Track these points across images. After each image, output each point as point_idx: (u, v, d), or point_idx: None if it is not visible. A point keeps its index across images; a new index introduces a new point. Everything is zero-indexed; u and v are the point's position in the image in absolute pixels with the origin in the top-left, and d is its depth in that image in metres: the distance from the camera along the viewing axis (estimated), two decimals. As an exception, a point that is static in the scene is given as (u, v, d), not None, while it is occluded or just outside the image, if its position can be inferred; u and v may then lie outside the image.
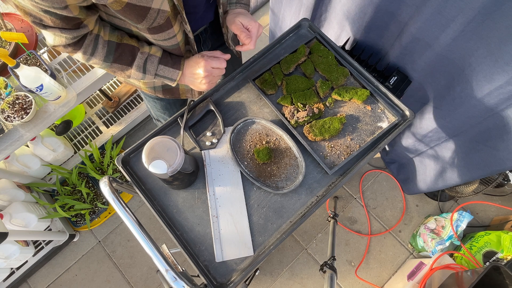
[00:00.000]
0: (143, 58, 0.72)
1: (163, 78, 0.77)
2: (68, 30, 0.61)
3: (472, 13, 0.80)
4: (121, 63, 0.72)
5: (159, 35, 0.68)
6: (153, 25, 0.64)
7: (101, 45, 0.68)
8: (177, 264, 0.72)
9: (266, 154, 0.85)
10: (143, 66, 0.73)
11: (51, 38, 0.63)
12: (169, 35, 0.70)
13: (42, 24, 0.59)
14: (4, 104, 1.12)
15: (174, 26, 0.68)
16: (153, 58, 0.73)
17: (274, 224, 0.82)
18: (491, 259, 1.37)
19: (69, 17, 0.58)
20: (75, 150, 1.75)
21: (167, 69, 0.75)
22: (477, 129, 1.05)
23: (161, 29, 0.67)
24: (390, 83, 1.11)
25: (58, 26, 0.59)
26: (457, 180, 1.26)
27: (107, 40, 0.69)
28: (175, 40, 0.72)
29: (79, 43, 0.66)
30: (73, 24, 0.61)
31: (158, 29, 0.66)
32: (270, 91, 0.93)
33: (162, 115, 1.18)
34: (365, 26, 1.13)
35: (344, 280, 1.61)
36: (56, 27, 0.60)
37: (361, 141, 0.89)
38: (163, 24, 0.65)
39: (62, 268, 1.66)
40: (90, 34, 0.66)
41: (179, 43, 0.75)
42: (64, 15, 0.57)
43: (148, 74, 0.75)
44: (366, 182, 1.79)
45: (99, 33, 0.67)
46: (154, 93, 0.97)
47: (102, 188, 0.73)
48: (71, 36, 0.62)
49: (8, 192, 1.44)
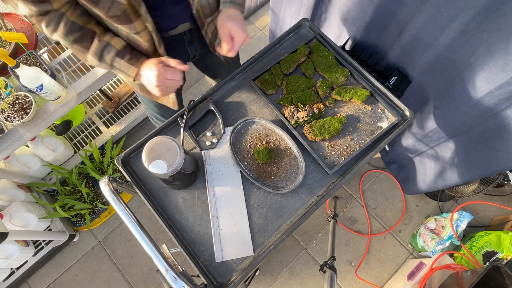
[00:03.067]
0: (100, 45, 0.73)
1: (119, 71, 0.77)
2: (32, 3, 0.64)
3: (472, 13, 0.80)
4: (81, 45, 0.73)
5: (122, 26, 0.69)
6: (110, 14, 0.66)
7: (63, 23, 0.69)
8: (177, 264, 0.72)
9: (266, 154, 0.85)
10: (100, 53, 0.73)
11: (20, 7, 0.67)
12: (131, 30, 0.70)
13: None
14: (4, 104, 1.12)
15: (135, 22, 0.69)
16: (111, 48, 0.73)
17: (274, 224, 0.82)
18: (491, 259, 1.37)
19: None
20: (75, 150, 1.75)
21: (123, 63, 0.75)
22: (477, 129, 1.05)
23: (120, 20, 0.68)
24: (390, 83, 1.11)
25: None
26: (457, 180, 1.26)
27: (72, 20, 0.70)
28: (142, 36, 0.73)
29: (42, 15, 0.68)
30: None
31: (117, 19, 0.67)
32: (270, 91, 0.93)
33: (154, 113, 1.17)
34: (365, 26, 1.13)
35: (344, 280, 1.61)
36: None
37: (361, 141, 0.89)
38: (121, 16, 0.66)
39: (62, 268, 1.66)
40: (55, 11, 0.68)
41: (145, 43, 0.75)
42: None
43: (103, 63, 0.75)
44: (366, 182, 1.79)
45: (66, 13, 0.69)
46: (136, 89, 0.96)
47: (102, 188, 0.73)
48: (35, 9, 0.66)
49: (8, 192, 1.44)
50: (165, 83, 0.74)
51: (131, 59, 0.75)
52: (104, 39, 0.73)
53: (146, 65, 0.75)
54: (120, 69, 0.76)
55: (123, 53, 0.75)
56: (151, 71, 0.73)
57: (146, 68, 0.75)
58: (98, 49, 0.73)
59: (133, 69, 0.75)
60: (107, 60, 0.74)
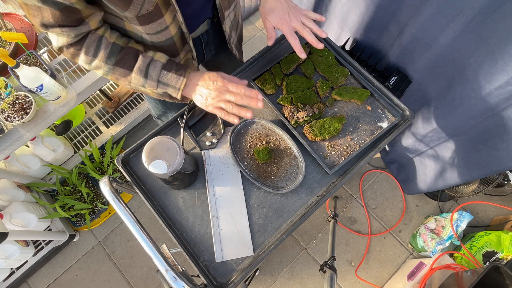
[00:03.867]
0: (145, 61, 0.68)
1: (166, 86, 0.71)
2: (68, 27, 0.60)
3: (472, 13, 0.80)
4: (123, 66, 0.68)
5: (150, 26, 0.65)
6: (142, 13, 0.61)
7: (104, 45, 0.66)
8: (177, 264, 0.72)
9: (266, 154, 0.85)
10: (145, 70, 0.68)
11: (55, 38, 0.63)
12: (161, 26, 0.66)
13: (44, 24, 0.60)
14: (4, 104, 1.12)
15: (165, 15, 0.65)
16: (156, 63, 0.68)
17: (274, 224, 0.82)
18: (491, 259, 1.37)
19: (67, 7, 0.57)
20: (75, 150, 1.75)
21: (171, 75, 0.69)
22: (477, 129, 1.05)
23: (151, 18, 0.64)
24: (390, 83, 1.11)
25: (58, 21, 0.59)
26: (457, 180, 1.26)
27: (113, 42, 0.67)
28: (168, 33, 0.69)
29: (81, 41, 0.65)
30: (73, 20, 0.60)
31: (148, 17, 0.63)
32: (270, 91, 0.93)
33: (162, 114, 1.18)
34: (365, 26, 1.13)
35: (344, 280, 1.61)
36: (56, 25, 0.59)
37: (361, 141, 0.89)
38: (153, 12, 0.63)
39: (62, 268, 1.66)
40: (93, 34, 0.65)
41: (174, 37, 0.71)
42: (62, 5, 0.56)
43: (150, 80, 0.69)
44: (366, 182, 1.79)
45: (104, 34, 0.66)
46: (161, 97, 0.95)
47: (102, 188, 0.73)
48: (72, 34, 0.61)
49: (8, 192, 1.44)
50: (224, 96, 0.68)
51: (179, 70, 0.69)
52: (148, 54, 0.69)
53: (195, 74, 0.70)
54: (168, 83, 0.70)
55: (169, 66, 0.69)
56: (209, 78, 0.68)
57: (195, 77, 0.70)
58: (143, 65, 0.68)
59: (182, 79, 0.69)
60: (153, 76, 0.69)
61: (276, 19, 0.74)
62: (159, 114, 1.18)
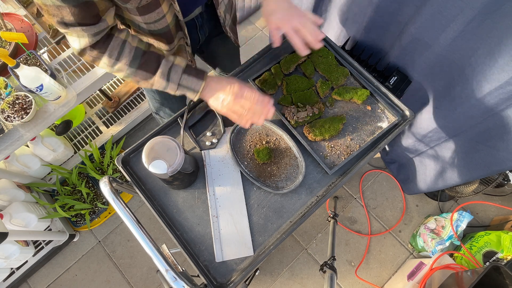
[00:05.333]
0: (167, 66, 0.71)
1: (185, 89, 0.73)
2: (88, 25, 0.62)
3: (472, 13, 0.80)
4: (146, 70, 0.71)
5: (149, 15, 0.69)
6: (142, 4, 0.65)
7: (128, 49, 0.68)
8: (177, 264, 0.72)
9: (266, 154, 0.85)
10: (167, 74, 0.71)
11: (77, 40, 0.64)
12: (158, 15, 0.70)
13: (64, 22, 0.61)
14: (4, 104, 1.12)
15: (162, 5, 0.68)
16: (177, 68, 0.71)
17: (274, 224, 0.82)
18: (491, 259, 1.37)
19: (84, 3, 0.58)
20: (75, 150, 1.75)
21: (191, 79, 0.72)
22: (477, 129, 1.04)
23: (149, 8, 0.67)
24: (390, 83, 1.11)
25: (77, 19, 0.60)
26: (457, 180, 1.26)
27: (135, 46, 0.69)
28: (165, 21, 0.72)
29: (104, 44, 0.67)
30: (91, 16, 0.61)
31: (147, 8, 0.67)
32: (270, 91, 0.93)
33: (160, 106, 1.18)
34: (365, 26, 1.13)
35: (344, 280, 1.61)
36: (76, 24, 0.61)
37: (361, 141, 0.89)
38: (151, 2, 0.66)
39: (62, 268, 1.66)
40: (116, 37, 0.68)
41: (169, 25, 0.75)
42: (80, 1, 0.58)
43: (171, 83, 0.72)
44: (366, 182, 1.79)
45: (127, 39, 0.69)
46: None
47: (102, 188, 0.73)
48: (92, 32, 0.63)
49: (8, 192, 1.44)
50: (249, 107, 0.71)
51: (198, 74, 0.72)
52: (169, 59, 0.72)
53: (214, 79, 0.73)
54: (188, 86, 0.73)
55: (189, 70, 0.72)
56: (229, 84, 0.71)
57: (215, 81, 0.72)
58: (166, 70, 0.71)
59: (201, 83, 0.72)
60: (174, 79, 0.72)
61: (278, 20, 0.75)
62: (157, 106, 1.18)
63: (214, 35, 1.02)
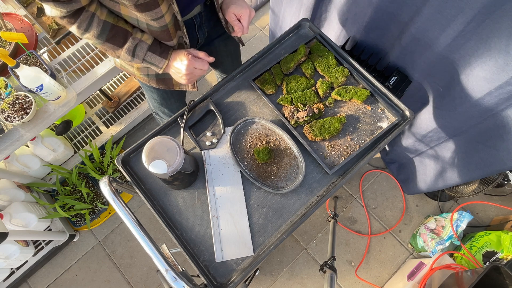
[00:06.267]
0: (134, 43, 0.77)
1: (150, 64, 0.82)
2: (61, 3, 0.65)
3: (472, 13, 0.80)
4: (114, 43, 0.77)
5: (146, 13, 0.71)
6: (140, 2, 0.67)
7: (95, 23, 0.72)
8: (177, 264, 0.72)
9: (266, 154, 0.85)
10: (133, 50, 0.78)
11: (49, 9, 0.68)
12: (156, 15, 0.72)
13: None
14: (4, 104, 1.12)
15: (161, 5, 0.70)
16: (143, 44, 0.78)
17: (274, 224, 0.82)
18: (491, 259, 1.37)
19: None
20: (75, 150, 1.75)
21: (155, 57, 0.80)
22: (477, 129, 1.04)
23: (147, 7, 0.69)
24: (390, 83, 1.11)
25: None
26: (457, 180, 1.26)
27: (104, 19, 0.73)
28: (163, 20, 0.74)
29: (74, 16, 0.70)
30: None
31: (145, 6, 0.68)
32: (270, 91, 0.93)
33: (159, 106, 1.18)
34: (365, 26, 1.13)
35: (344, 280, 1.61)
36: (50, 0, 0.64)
37: (361, 141, 0.89)
38: (150, 2, 0.68)
39: (62, 268, 1.66)
40: (86, 11, 0.70)
41: (168, 24, 0.76)
42: None
43: (136, 58, 0.80)
44: (366, 182, 1.79)
45: (96, 12, 0.72)
46: (148, 82, 0.99)
47: (102, 188, 0.73)
48: (64, 10, 0.67)
49: (8, 192, 1.44)
50: (193, 72, 0.82)
51: (162, 53, 0.80)
52: (136, 36, 0.77)
53: (176, 56, 0.82)
54: (152, 62, 0.82)
55: (154, 47, 0.79)
56: (182, 61, 0.80)
57: (174, 59, 0.82)
58: (132, 47, 0.77)
59: (164, 61, 0.81)
60: (139, 55, 0.79)
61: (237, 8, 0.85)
62: (156, 106, 1.19)
63: (215, 37, 1.02)
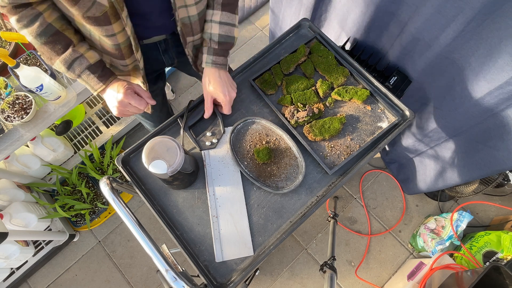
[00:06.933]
0: (73, 55, 0.71)
1: (85, 83, 0.76)
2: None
3: (472, 13, 0.80)
4: (52, 49, 0.70)
5: (96, 28, 0.67)
6: (88, 15, 0.63)
7: (38, 22, 0.67)
8: (177, 264, 0.72)
9: (266, 154, 0.85)
10: (70, 62, 0.72)
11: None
12: (107, 32, 0.68)
13: None
14: (4, 104, 1.12)
15: (113, 24, 0.67)
16: (83, 60, 0.72)
17: (274, 224, 0.82)
18: (491, 259, 1.37)
19: None
20: (75, 150, 1.75)
21: (92, 77, 0.74)
22: (477, 129, 1.05)
23: (97, 21, 0.65)
24: (390, 83, 1.11)
25: None
26: (457, 180, 1.26)
27: (49, 22, 0.68)
28: (115, 39, 0.71)
29: (16, 9, 0.65)
30: None
31: (94, 21, 0.65)
32: (270, 91, 0.93)
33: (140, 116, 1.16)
34: (365, 26, 1.13)
35: (344, 280, 1.61)
36: None
37: (361, 141, 0.89)
38: (100, 18, 0.64)
39: (62, 268, 1.66)
40: (32, 8, 0.66)
41: (121, 45, 0.73)
42: None
43: (71, 72, 0.73)
44: (366, 182, 1.79)
45: (43, 13, 0.67)
46: None
47: (102, 188, 0.73)
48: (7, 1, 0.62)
49: (8, 192, 1.44)
50: (126, 107, 0.76)
51: (102, 77, 0.75)
52: (79, 50, 0.72)
53: (115, 85, 0.76)
54: (87, 82, 0.75)
55: (94, 68, 0.74)
56: (118, 93, 0.74)
57: (112, 86, 0.76)
58: (70, 58, 0.71)
59: (101, 85, 0.75)
60: (76, 71, 0.73)
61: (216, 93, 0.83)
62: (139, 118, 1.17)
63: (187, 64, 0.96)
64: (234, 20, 0.81)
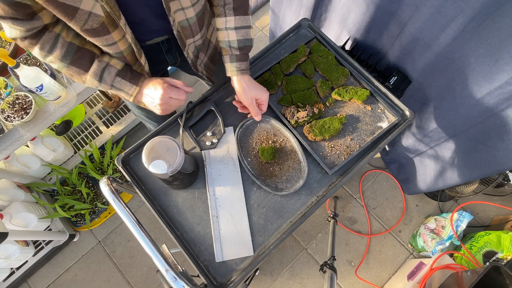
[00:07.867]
0: (100, 66, 0.71)
1: (119, 91, 0.75)
2: (20, 21, 0.60)
3: (472, 13, 0.80)
4: (79, 66, 0.70)
5: (96, 39, 0.66)
6: (86, 27, 0.62)
7: (60, 44, 0.67)
8: (177, 264, 0.72)
9: (270, 154, 0.85)
10: (100, 74, 0.71)
11: (8, 30, 0.63)
12: (108, 41, 0.67)
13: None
14: (4, 104, 1.12)
15: (112, 33, 0.66)
16: (111, 69, 0.72)
17: (274, 224, 0.82)
18: (491, 259, 1.37)
19: (16, 3, 0.56)
20: (75, 150, 1.75)
21: (124, 82, 0.73)
22: (477, 129, 1.04)
23: (96, 33, 0.64)
24: (390, 83, 1.11)
25: (9, 15, 0.58)
26: (457, 180, 1.26)
27: (69, 41, 0.68)
28: (116, 47, 0.70)
29: (36, 37, 0.65)
30: (25, 14, 0.59)
31: (93, 32, 0.64)
32: (270, 91, 0.93)
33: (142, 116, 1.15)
34: (365, 26, 1.13)
35: (344, 280, 1.61)
36: (8, 17, 0.58)
37: (361, 141, 0.89)
38: (98, 29, 0.63)
39: (62, 268, 1.66)
40: (50, 32, 0.66)
41: (123, 52, 0.72)
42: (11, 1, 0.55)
43: (103, 83, 0.73)
44: (366, 182, 1.79)
45: (61, 33, 0.67)
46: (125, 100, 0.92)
47: (102, 188, 0.73)
48: (24, 28, 0.61)
49: (8, 192, 1.44)
50: (168, 102, 0.74)
51: (133, 79, 0.74)
52: (103, 59, 0.72)
53: (149, 83, 0.74)
54: (121, 89, 0.75)
55: (124, 73, 0.73)
56: (156, 90, 0.73)
57: (147, 86, 0.74)
58: (98, 70, 0.71)
59: (135, 88, 0.74)
60: (107, 81, 0.73)
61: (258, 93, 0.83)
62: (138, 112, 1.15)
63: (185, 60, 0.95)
64: (249, 22, 0.80)
